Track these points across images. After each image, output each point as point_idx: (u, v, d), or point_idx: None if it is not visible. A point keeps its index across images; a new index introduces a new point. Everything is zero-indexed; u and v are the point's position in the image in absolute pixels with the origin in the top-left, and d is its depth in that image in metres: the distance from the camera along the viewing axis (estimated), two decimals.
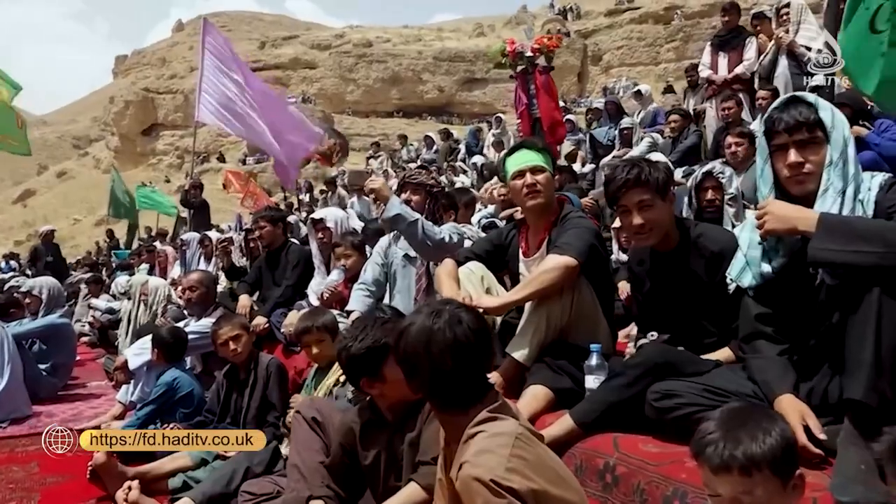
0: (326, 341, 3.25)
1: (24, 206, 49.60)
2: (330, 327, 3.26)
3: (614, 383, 2.11)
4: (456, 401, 1.57)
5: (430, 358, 1.55)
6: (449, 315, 1.57)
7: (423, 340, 1.56)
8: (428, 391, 1.61)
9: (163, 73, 55.52)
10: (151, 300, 6.37)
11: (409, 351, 1.58)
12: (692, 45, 43.28)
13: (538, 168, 2.82)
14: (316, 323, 3.24)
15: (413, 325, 1.60)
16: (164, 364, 3.82)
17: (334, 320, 3.33)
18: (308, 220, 4.56)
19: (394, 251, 3.78)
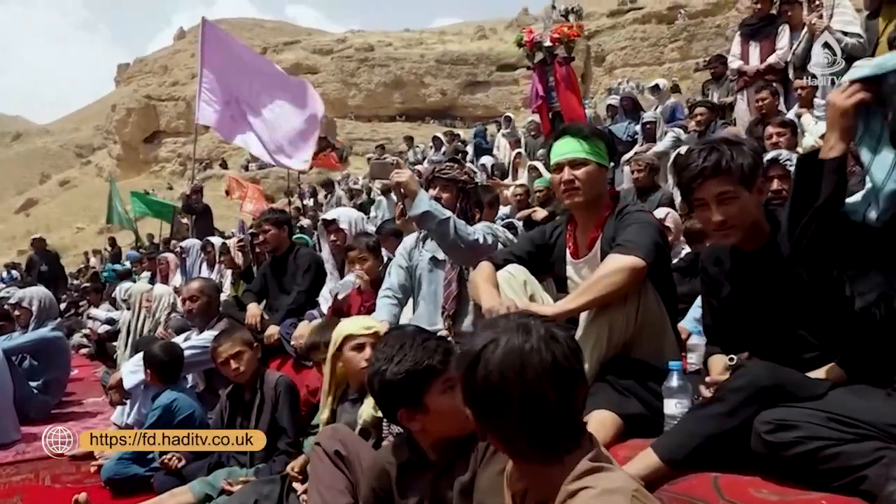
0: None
1: (26, 216, 49.40)
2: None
3: (711, 411, 1.72)
4: (551, 445, 1.18)
5: (525, 389, 1.14)
6: (541, 332, 1.18)
7: (516, 366, 1.15)
8: (515, 434, 1.19)
9: (164, 80, 55.35)
10: (155, 307, 5.99)
11: (494, 381, 1.16)
12: (696, 44, 42.93)
13: (578, 161, 2.44)
14: (325, 339, 2.87)
15: (494, 344, 1.18)
16: (159, 385, 3.43)
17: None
18: (319, 222, 4.17)
19: (419, 253, 3.40)
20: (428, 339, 1.74)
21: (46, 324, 4.98)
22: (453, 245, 3.00)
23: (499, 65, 50.19)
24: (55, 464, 3.70)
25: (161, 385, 3.39)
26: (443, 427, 1.68)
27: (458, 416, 1.68)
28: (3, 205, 55.17)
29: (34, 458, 3.81)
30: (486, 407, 1.18)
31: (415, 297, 3.41)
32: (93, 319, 9.21)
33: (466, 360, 1.19)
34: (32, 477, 3.54)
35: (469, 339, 1.24)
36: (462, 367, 1.19)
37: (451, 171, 3.34)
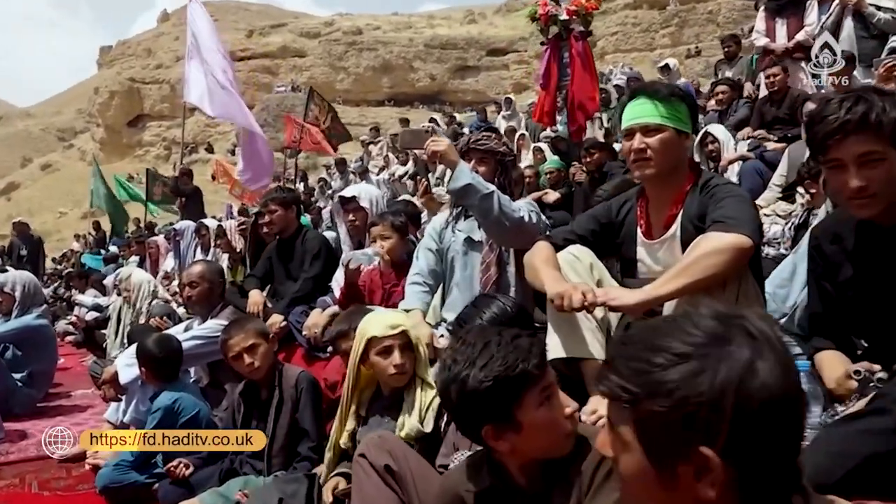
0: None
1: (7, 200, 48.42)
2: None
3: (872, 425, 1.39)
4: (777, 485, 0.84)
5: (765, 416, 0.79)
6: (763, 333, 0.82)
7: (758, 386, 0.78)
8: (740, 474, 0.80)
9: (148, 63, 54.41)
10: (135, 297, 5.61)
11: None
12: (688, 30, 42.70)
13: (652, 127, 2.10)
14: (356, 325, 2.53)
15: (724, 353, 0.80)
16: (156, 383, 3.06)
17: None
18: (335, 200, 3.79)
19: (451, 234, 3.04)
20: (518, 336, 1.39)
21: (31, 311, 4.57)
22: (496, 223, 2.66)
23: (489, 49, 49.73)
24: (43, 467, 3.34)
25: (158, 384, 3.03)
26: (537, 446, 1.34)
27: (558, 433, 1.35)
28: None
29: (19, 459, 3.44)
30: (692, 434, 0.82)
31: (446, 283, 3.06)
32: (79, 306, 8.78)
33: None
34: (17, 482, 3.17)
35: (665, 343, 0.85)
36: (664, 383, 0.81)
37: (489, 142, 2.99)
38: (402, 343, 2.23)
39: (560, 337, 2.08)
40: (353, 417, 2.38)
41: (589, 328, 2.10)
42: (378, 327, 2.25)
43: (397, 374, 2.21)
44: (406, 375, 2.23)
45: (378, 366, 2.25)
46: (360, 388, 2.38)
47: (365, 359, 2.28)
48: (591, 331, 2.10)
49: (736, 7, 39.69)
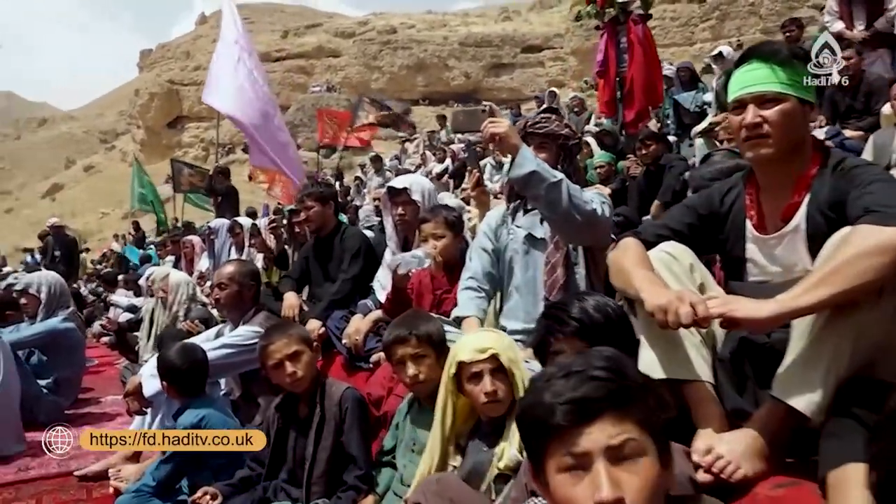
0: (430, 359, 2.23)
1: (52, 201, 49.51)
2: (435, 339, 2.24)
3: None
4: None
5: None
6: None
7: None
8: None
9: (187, 65, 55.06)
10: (172, 299, 5.35)
11: None
12: (729, 23, 41.42)
13: (770, 97, 1.71)
14: (416, 331, 2.21)
15: None
16: (180, 398, 2.76)
17: (441, 331, 2.27)
18: (384, 191, 3.46)
19: (508, 232, 2.68)
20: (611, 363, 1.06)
21: (57, 313, 4.33)
22: (565, 217, 2.29)
23: (524, 46, 49.13)
24: (62, 485, 3.08)
25: (182, 399, 2.73)
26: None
27: None
28: (29, 190, 55.42)
29: (38, 476, 3.18)
30: None
31: (504, 286, 2.70)
32: (113, 306, 8.64)
33: None
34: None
35: None
36: None
37: (549, 124, 2.62)
38: (493, 367, 1.91)
39: (657, 353, 1.71)
40: (442, 445, 2.04)
41: (693, 344, 1.71)
42: (465, 350, 1.94)
43: (490, 403, 1.88)
44: (501, 404, 1.90)
45: (471, 394, 1.94)
46: (461, 419, 2.05)
47: (461, 386, 1.98)
48: (696, 347, 1.72)
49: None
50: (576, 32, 45.31)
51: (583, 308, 1.68)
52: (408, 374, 2.24)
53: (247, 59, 7.48)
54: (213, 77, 7.39)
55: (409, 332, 2.22)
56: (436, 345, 2.25)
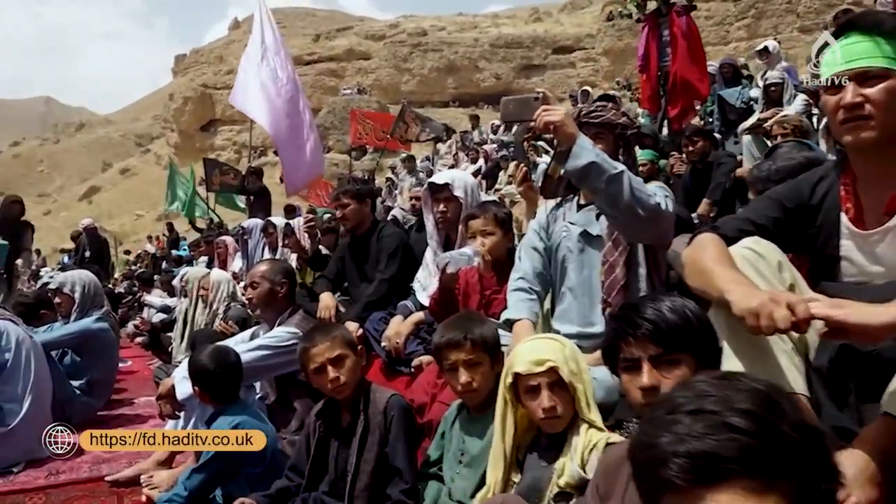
0: (484, 366, 2.08)
1: (89, 203, 50.54)
2: (490, 343, 2.08)
3: None
4: None
5: None
6: None
7: None
8: None
9: (220, 69, 55.85)
10: (212, 297, 5.27)
11: None
12: (765, 21, 40.56)
13: (873, 73, 1.51)
14: (471, 334, 2.06)
15: None
16: (212, 404, 2.63)
17: (496, 335, 2.11)
18: (425, 188, 3.30)
19: (561, 228, 2.50)
20: (758, 408, 0.82)
21: (91, 313, 4.25)
22: (627, 212, 2.11)
23: (555, 47, 48.80)
24: (92, 490, 2.97)
25: (215, 404, 2.60)
26: None
27: None
28: (67, 192, 56.69)
29: (69, 481, 3.08)
30: None
31: (556, 287, 2.53)
32: (147, 307, 8.65)
33: None
34: None
35: None
36: None
37: (606, 113, 2.44)
38: (552, 381, 1.75)
39: (744, 363, 1.51)
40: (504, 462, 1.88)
41: (784, 351, 1.52)
42: (521, 361, 1.78)
43: (548, 419, 1.73)
44: (560, 420, 1.75)
45: (528, 407, 1.79)
46: (520, 430, 1.89)
47: (518, 396, 1.83)
48: (788, 355, 1.52)
49: None
50: (607, 33, 44.92)
51: (657, 309, 1.49)
52: (460, 381, 2.08)
53: (271, 58, 7.49)
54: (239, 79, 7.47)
55: (463, 336, 2.06)
56: (490, 350, 2.09)
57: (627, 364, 1.53)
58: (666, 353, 1.47)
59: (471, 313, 2.30)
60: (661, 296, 1.56)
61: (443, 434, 2.28)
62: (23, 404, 3.30)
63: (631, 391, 1.54)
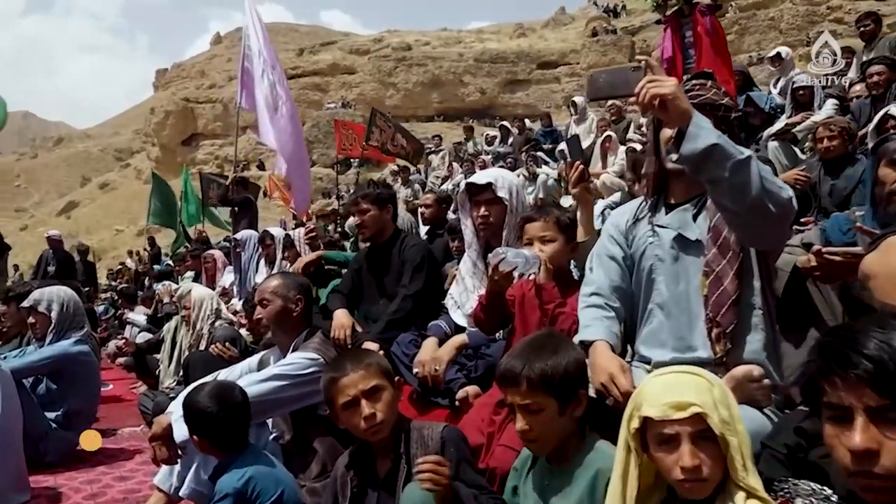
0: (546, 412, 1.67)
1: (67, 218, 49.45)
2: (555, 383, 1.66)
3: None
4: None
5: None
6: None
7: None
8: None
9: (202, 83, 55.35)
10: (195, 315, 4.77)
11: None
12: (748, 38, 40.90)
13: None
14: (529, 370, 1.66)
15: None
16: (216, 454, 2.15)
17: (573, 367, 1.67)
18: (460, 188, 2.86)
19: (647, 231, 2.07)
20: None
21: (69, 335, 3.75)
22: (754, 208, 1.69)
23: (539, 62, 48.92)
24: None
25: (220, 454, 2.13)
26: None
27: None
28: (45, 208, 55.50)
29: None
30: None
31: (641, 303, 2.09)
32: (130, 324, 8.08)
33: None
34: None
35: None
36: None
37: (706, 93, 2.03)
38: (696, 431, 1.31)
39: None
40: None
41: None
42: (655, 404, 1.34)
43: (690, 482, 1.27)
44: (706, 484, 1.30)
45: (661, 463, 1.34)
46: (643, 485, 1.42)
47: (644, 444, 1.38)
48: None
49: (799, 13, 38.14)
50: (592, 48, 45.19)
51: (884, 343, 1.05)
52: (517, 428, 1.66)
53: (269, 73, 7.20)
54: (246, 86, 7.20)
55: (517, 373, 1.63)
56: (558, 390, 1.65)
57: (833, 413, 1.09)
58: (893, 406, 1.04)
59: (543, 338, 1.83)
60: (892, 321, 1.10)
61: (514, 489, 1.84)
62: None
63: (836, 449, 1.10)
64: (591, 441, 1.70)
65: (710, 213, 1.94)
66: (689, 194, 2.04)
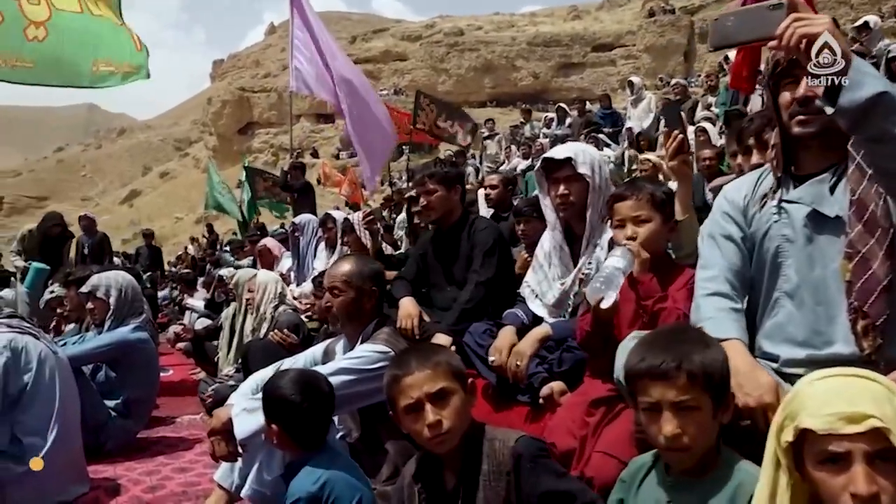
0: (703, 412, 1.39)
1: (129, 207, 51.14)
2: (715, 379, 1.41)
3: None
4: None
5: None
6: None
7: None
8: None
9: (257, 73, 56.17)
10: (259, 299, 4.63)
11: None
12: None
13: None
14: (688, 363, 1.39)
15: None
16: (292, 450, 1.95)
17: (724, 365, 1.41)
18: (539, 166, 2.59)
19: (769, 209, 1.78)
20: None
21: (128, 322, 3.65)
22: None
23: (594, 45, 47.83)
24: None
25: (297, 452, 1.92)
26: None
27: None
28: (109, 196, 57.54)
29: None
30: None
31: (763, 289, 1.79)
32: (189, 310, 8.10)
33: None
34: None
35: None
36: None
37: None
38: (874, 450, 1.05)
39: None
40: None
41: None
42: (817, 414, 1.08)
43: None
44: None
45: (823, 485, 1.08)
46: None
47: (799, 462, 1.12)
48: None
49: None
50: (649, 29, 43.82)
51: None
52: (663, 430, 1.37)
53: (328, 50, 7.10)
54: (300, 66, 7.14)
55: (676, 365, 1.36)
56: (716, 389, 1.38)
57: None
58: None
59: (685, 329, 1.57)
60: None
61: (620, 502, 1.58)
62: (47, 437, 2.67)
63: None
64: (727, 455, 1.43)
65: (852, 184, 1.64)
66: (823, 163, 1.73)
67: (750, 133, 2.42)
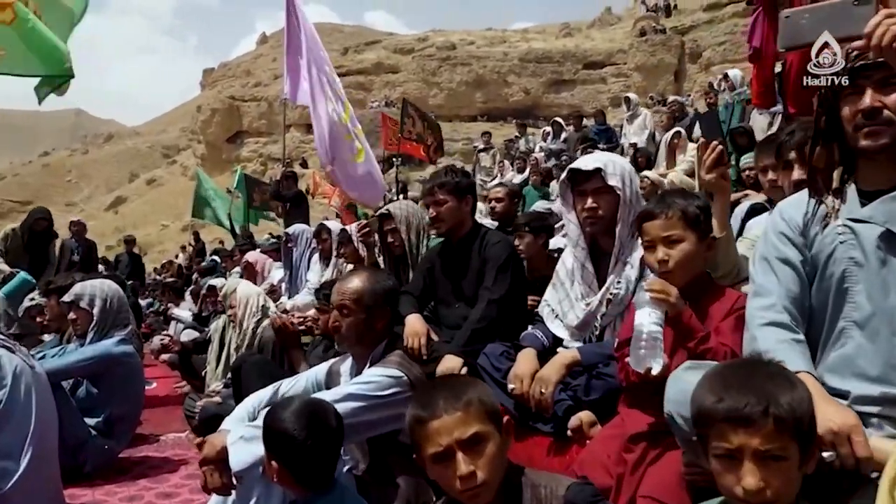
0: (789, 461, 1.22)
1: (115, 213, 50.53)
2: (805, 424, 1.25)
3: None
4: None
5: None
6: None
7: None
8: None
9: (248, 82, 55.97)
10: (241, 313, 4.41)
11: None
12: None
13: None
14: (775, 407, 1.22)
15: None
16: (296, 491, 1.74)
17: (809, 407, 1.23)
18: (564, 176, 2.41)
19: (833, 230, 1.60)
20: None
21: (112, 334, 3.42)
22: None
23: (585, 62, 48.14)
24: None
25: (300, 491, 1.72)
26: None
27: None
28: (94, 202, 56.84)
29: None
30: None
31: (828, 318, 1.62)
32: (175, 321, 7.83)
33: None
34: None
35: None
36: None
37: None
38: None
39: None
40: None
41: None
42: None
43: None
44: None
45: None
46: None
47: None
48: None
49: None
50: (640, 48, 44.12)
51: None
52: (744, 482, 1.18)
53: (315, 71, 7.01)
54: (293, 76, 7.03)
55: (763, 409, 1.17)
56: (803, 437, 1.20)
57: None
58: None
59: (765, 364, 1.38)
60: None
61: None
62: (20, 460, 2.43)
63: None
64: None
65: None
66: (894, 178, 1.57)
67: (791, 147, 2.27)
